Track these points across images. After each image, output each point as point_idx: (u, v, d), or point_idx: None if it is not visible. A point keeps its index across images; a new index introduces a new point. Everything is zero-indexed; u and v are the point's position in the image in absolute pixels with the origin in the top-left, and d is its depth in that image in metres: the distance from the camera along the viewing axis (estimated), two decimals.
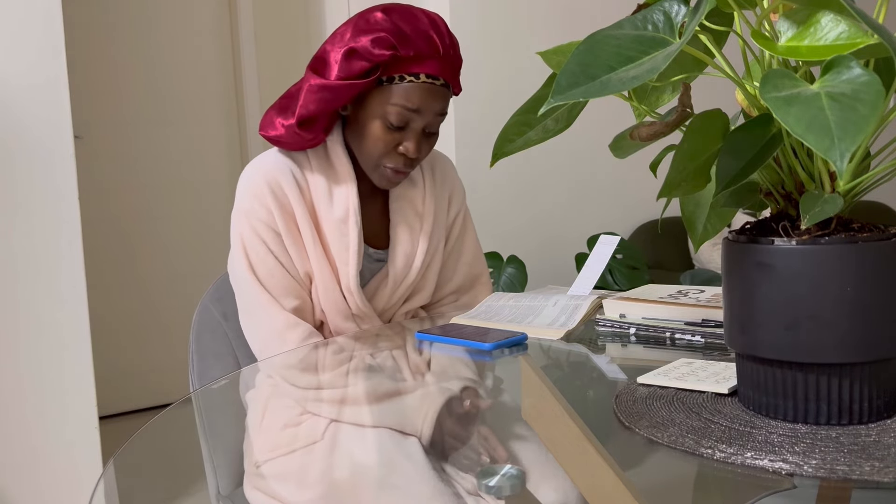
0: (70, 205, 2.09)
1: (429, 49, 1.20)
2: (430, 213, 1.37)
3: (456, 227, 1.45)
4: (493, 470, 0.65)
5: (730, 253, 0.74)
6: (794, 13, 0.68)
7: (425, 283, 1.39)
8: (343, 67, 1.18)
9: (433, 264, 1.40)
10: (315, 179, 1.28)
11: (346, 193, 1.27)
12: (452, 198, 1.45)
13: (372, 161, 1.26)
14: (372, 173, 1.28)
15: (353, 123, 1.27)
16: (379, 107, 1.21)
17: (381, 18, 1.19)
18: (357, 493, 0.80)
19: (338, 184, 1.28)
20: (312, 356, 1.20)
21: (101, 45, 3.27)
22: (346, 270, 1.27)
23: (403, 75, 1.19)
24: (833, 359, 0.68)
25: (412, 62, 1.19)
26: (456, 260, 1.46)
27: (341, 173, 1.28)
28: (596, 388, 0.99)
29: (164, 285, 3.43)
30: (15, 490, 2.06)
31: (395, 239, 1.34)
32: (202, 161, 3.53)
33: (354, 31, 1.20)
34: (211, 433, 1.14)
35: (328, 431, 0.89)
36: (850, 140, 0.55)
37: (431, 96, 1.21)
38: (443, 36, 1.22)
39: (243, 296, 1.28)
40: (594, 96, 0.64)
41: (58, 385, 2.10)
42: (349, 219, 1.27)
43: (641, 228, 3.36)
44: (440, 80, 1.22)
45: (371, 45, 1.17)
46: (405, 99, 1.20)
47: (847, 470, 0.62)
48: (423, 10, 1.23)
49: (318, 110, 1.22)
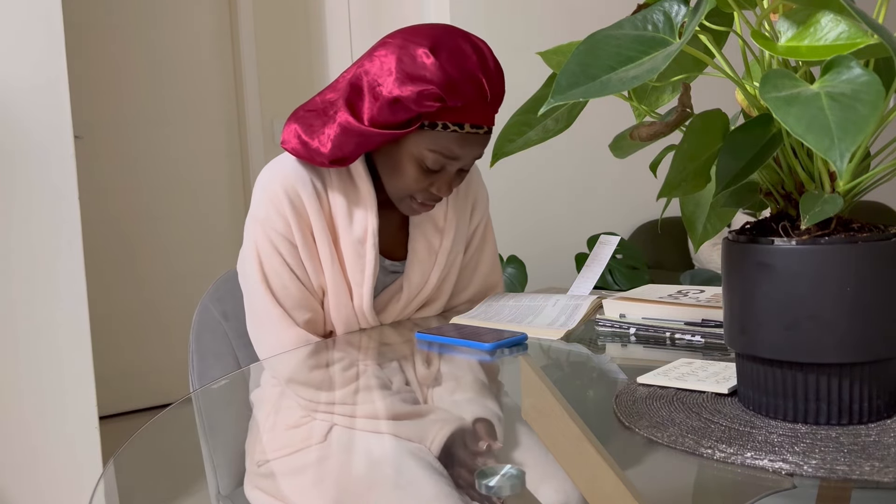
0: (70, 205, 2.09)
1: (476, 96, 1.14)
2: (451, 229, 1.34)
3: (476, 236, 1.42)
4: (493, 470, 0.65)
5: (730, 253, 0.74)
6: (794, 13, 0.68)
7: (439, 294, 1.37)
8: (384, 114, 1.13)
9: (449, 277, 1.37)
10: (335, 195, 1.23)
11: (365, 215, 1.23)
12: (475, 207, 1.41)
13: (400, 194, 1.22)
14: (398, 203, 1.24)
15: (385, 153, 1.22)
16: (416, 149, 1.16)
17: (431, 64, 1.10)
18: (361, 493, 0.80)
19: (358, 204, 1.24)
20: (320, 371, 1.20)
21: (101, 46, 3.27)
22: (359, 291, 1.25)
23: (447, 124, 1.14)
24: (833, 359, 0.68)
25: (458, 111, 1.14)
26: (473, 270, 1.43)
27: (363, 194, 1.24)
28: (596, 388, 0.99)
29: (164, 285, 3.43)
30: (15, 490, 2.06)
31: (413, 255, 1.31)
32: (202, 161, 3.53)
33: (400, 73, 1.12)
34: (211, 433, 1.13)
35: (332, 433, 0.89)
36: (850, 140, 0.55)
37: (471, 144, 1.17)
38: (490, 76, 1.15)
39: (254, 304, 1.25)
40: (594, 96, 0.64)
41: (58, 385, 2.10)
42: (367, 241, 1.23)
43: (641, 228, 3.36)
44: (483, 128, 1.17)
45: (418, 98, 1.11)
46: (445, 148, 1.15)
47: (847, 470, 0.62)
48: (470, 41, 1.16)
49: (351, 153, 1.18)
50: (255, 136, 3.59)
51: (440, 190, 1.20)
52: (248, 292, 1.27)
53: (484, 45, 1.18)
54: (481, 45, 1.17)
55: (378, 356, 1.20)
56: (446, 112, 1.13)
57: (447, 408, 0.96)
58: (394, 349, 1.22)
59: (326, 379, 1.13)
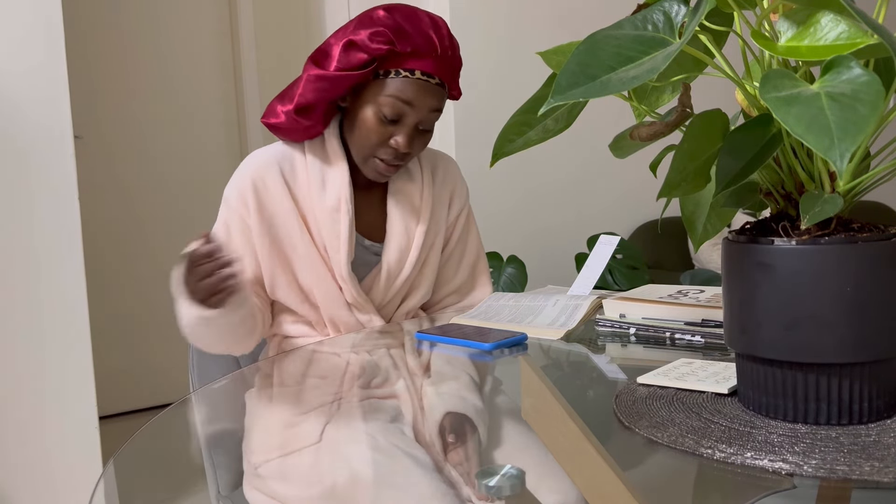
0: (70, 205, 2.09)
1: (426, 47, 1.23)
2: (427, 208, 1.38)
3: (458, 227, 1.46)
4: (493, 470, 0.65)
5: (730, 253, 0.74)
6: (794, 13, 0.68)
7: (422, 279, 1.39)
8: (342, 59, 1.23)
9: (430, 261, 1.40)
10: (309, 169, 1.31)
11: (338, 182, 1.30)
12: (454, 198, 1.45)
13: (364, 152, 1.29)
14: (363, 165, 1.31)
15: (350, 116, 1.30)
16: (373, 98, 1.25)
17: (383, 15, 1.23)
18: (357, 492, 0.80)
19: (330, 172, 1.31)
20: (310, 361, 1.20)
21: (101, 45, 3.27)
22: (337, 259, 1.29)
23: (399, 70, 1.23)
24: (833, 359, 0.68)
25: (409, 58, 1.23)
26: (458, 261, 1.46)
27: (335, 163, 1.31)
28: (596, 388, 0.99)
29: (164, 285, 3.40)
30: (15, 490, 2.06)
31: (391, 231, 1.35)
32: (202, 161, 3.53)
33: (356, 26, 1.24)
34: (211, 433, 1.13)
35: (327, 432, 0.89)
36: (850, 140, 0.55)
37: (425, 92, 1.24)
38: (443, 37, 1.25)
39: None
40: (594, 96, 0.64)
41: (58, 385, 2.10)
42: (341, 207, 1.30)
43: (641, 228, 3.36)
44: (435, 78, 1.25)
45: (369, 39, 1.21)
46: (399, 92, 1.23)
47: (847, 470, 0.62)
48: (426, 12, 1.27)
49: (315, 99, 1.26)
50: (255, 136, 3.58)
51: (399, 143, 1.26)
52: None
53: (440, 18, 1.28)
54: (436, 17, 1.27)
55: (371, 347, 1.20)
56: (397, 58, 1.23)
57: (428, 399, 0.99)
58: (388, 344, 1.22)
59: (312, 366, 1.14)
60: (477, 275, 1.49)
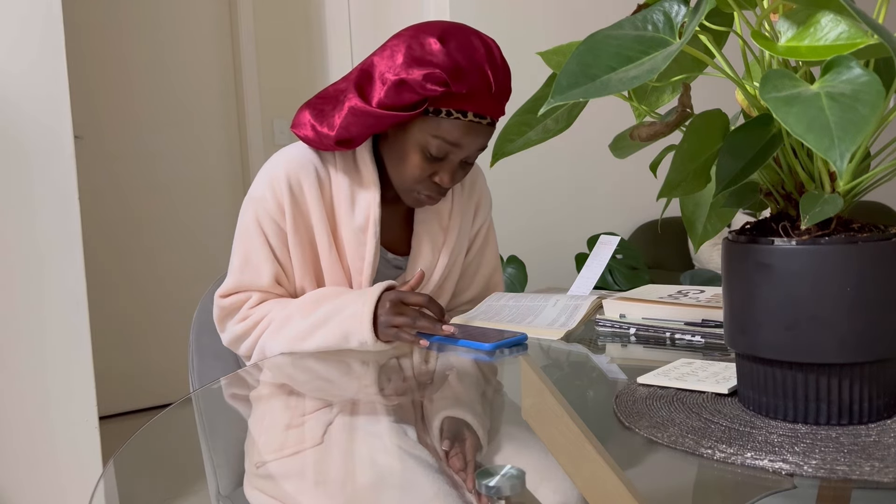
0: (70, 205, 2.09)
1: (481, 86, 1.16)
2: (455, 227, 1.36)
3: (479, 238, 1.44)
4: (493, 470, 0.65)
5: (730, 253, 0.74)
6: (794, 13, 0.68)
7: (441, 293, 1.38)
8: (390, 96, 1.15)
9: (451, 276, 1.39)
10: (338, 181, 1.25)
11: (368, 202, 1.25)
12: (479, 209, 1.43)
13: (406, 185, 1.24)
14: (404, 194, 1.26)
15: (391, 142, 1.25)
16: (420, 135, 1.19)
17: (438, 51, 1.14)
18: (359, 493, 0.80)
19: (361, 193, 1.26)
20: (314, 362, 1.20)
21: (101, 45, 3.27)
22: (359, 280, 1.26)
23: (451, 111, 1.16)
24: (833, 359, 0.68)
25: (462, 99, 1.16)
26: (475, 272, 1.45)
27: (366, 181, 1.26)
28: (596, 388, 0.99)
29: (164, 285, 3.43)
30: (15, 490, 2.06)
31: (417, 251, 1.32)
32: (202, 162, 3.53)
33: (408, 58, 1.15)
34: (211, 433, 1.13)
35: (329, 433, 0.89)
36: (850, 140, 0.55)
37: (475, 133, 1.19)
38: (497, 70, 1.18)
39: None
40: (594, 96, 0.64)
41: (58, 385, 2.10)
42: (368, 229, 1.25)
43: (641, 228, 3.36)
44: (487, 118, 1.19)
45: (423, 80, 1.13)
46: (448, 133, 1.17)
47: (847, 470, 0.62)
48: (479, 37, 1.19)
49: (358, 134, 1.20)
50: (255, 136, 3.59)
51: (443, 179, 1.22)
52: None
53: (492, 42, 1.20)
54: (490, 42, 1.19)
55: (377, 355, 1.20)
56: (451, 98, 1.15)
57: (430, 401, 0.98)
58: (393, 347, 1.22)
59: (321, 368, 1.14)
60: (492, 286, 1.48)
